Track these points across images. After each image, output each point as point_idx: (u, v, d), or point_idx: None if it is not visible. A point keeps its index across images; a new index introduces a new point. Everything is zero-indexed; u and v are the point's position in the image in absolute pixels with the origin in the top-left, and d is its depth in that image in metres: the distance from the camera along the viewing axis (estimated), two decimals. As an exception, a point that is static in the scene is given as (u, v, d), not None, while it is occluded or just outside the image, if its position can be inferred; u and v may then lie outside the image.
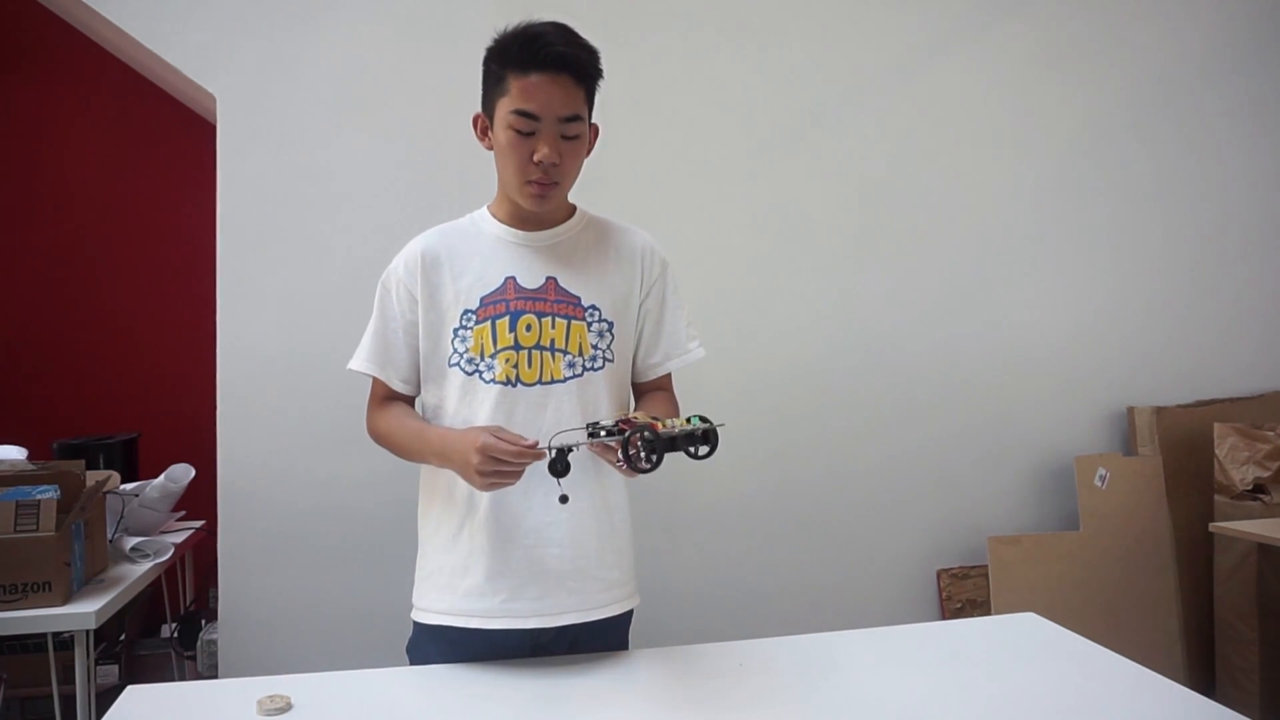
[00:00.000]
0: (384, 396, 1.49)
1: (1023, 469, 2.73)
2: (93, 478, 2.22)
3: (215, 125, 2.30)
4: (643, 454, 1.18)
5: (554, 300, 1.41)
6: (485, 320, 1.39)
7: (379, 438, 1.49)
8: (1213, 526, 2.47)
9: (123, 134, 3.43)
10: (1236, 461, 2.61)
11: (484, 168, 1.50)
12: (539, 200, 1.37)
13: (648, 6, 2.51)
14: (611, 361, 1.43)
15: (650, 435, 1.18)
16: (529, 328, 1.39)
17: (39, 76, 3.38)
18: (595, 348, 1.41)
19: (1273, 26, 2.90)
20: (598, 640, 1.45)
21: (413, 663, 1.46)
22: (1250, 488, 2.59)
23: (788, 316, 2.60)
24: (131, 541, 2.34)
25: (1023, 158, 2.75)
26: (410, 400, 1.50)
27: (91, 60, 3.31)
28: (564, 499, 1.31)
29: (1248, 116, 2.89)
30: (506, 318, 1.39)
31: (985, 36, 2.71)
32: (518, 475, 1.25)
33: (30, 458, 2.30)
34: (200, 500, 2.58)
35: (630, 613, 1.51)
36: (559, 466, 1.24)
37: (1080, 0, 2.77)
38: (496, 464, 1.23)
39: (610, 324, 1.43)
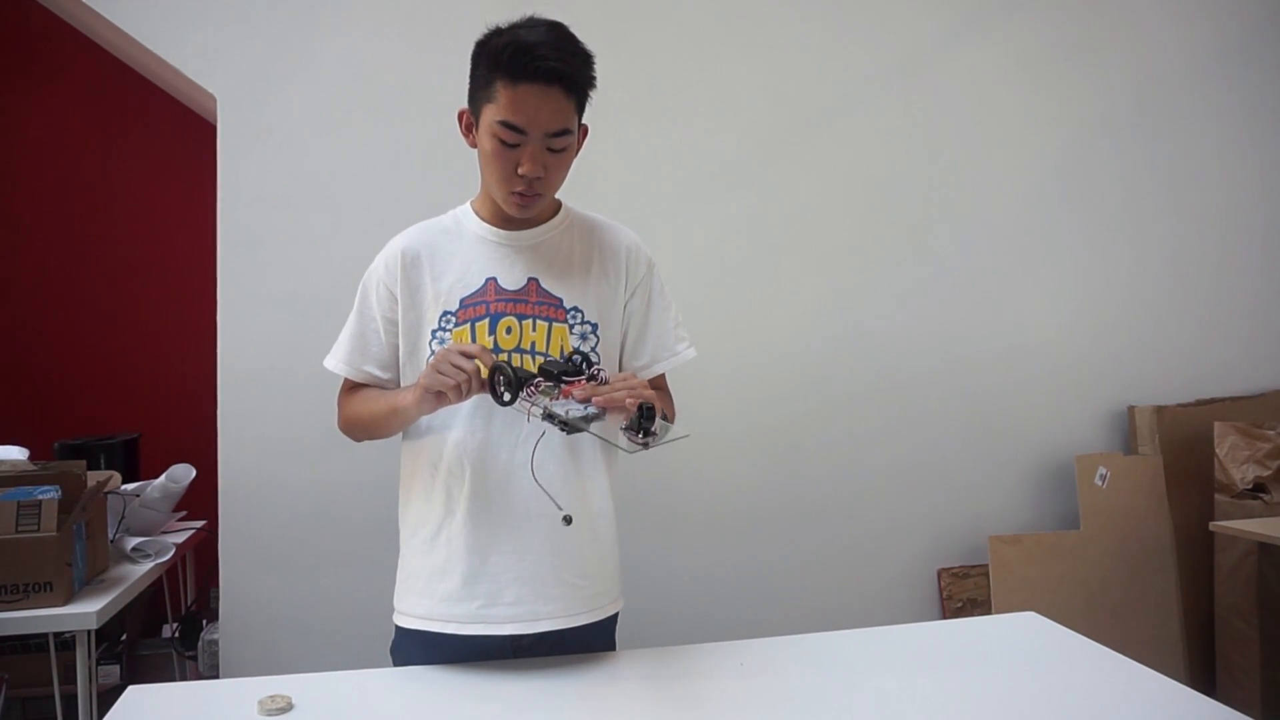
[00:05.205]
0: (351, 390, 1.48)
1: (1023, 468, 2.73)
2: (94, 478, 2.22)
3: (215, 125, 2.30)
4: (501, 388, 1.22)
5: (535, 302, 1.39)
6: (465, 323, 1.37)
7: (350, 422, 1.47)
8: (1213, 525, 2.47)
9: (123, 134, 3.43)
10: (1237, 460, 2.61)
11: (484, 168, 1.50)
12: (521, 210, 1.36)
13: (648, 6, 2.51)
14: (597, 364, 1.41)
15: (511, 370, 1.21)
16: (509, 330, 1.37)
17: (40, 77, 3.38)
18: (578, 351, 1.39)
19: (1276, 24, 2.90)
20: (581, 645, 1.43)
21: (395, 664, 1.46)
22: (1250, 486, 2.59)
23: (788, 316, 2.60)
24: (132, 542, 2.34)
25: (1023, 157, 2.74)
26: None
27: (92, 60, 3.31)
28: (568, 519, 1.31)
29: (1250, 115, 2.89)
30: (486, 320, 1.37)
31: (982, 39, 2.70)
32: (466, 381, 1.22)
33: (31, 458, 2.30)
34: (201, 500, 2.58)
35: (615, 616, 1.49)
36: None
37: (1079, 0, 2.77)
38: (458, 358, 1.22)
39: (594, 326, 1.41)
